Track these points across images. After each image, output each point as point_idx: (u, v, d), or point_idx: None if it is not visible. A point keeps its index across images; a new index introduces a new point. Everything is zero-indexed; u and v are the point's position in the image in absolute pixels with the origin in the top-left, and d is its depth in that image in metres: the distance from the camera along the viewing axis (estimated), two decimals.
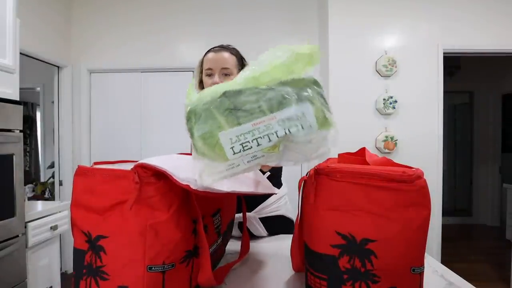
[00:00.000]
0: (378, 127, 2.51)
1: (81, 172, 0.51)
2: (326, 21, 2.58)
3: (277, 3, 2.87)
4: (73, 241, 0.52)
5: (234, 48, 1.08)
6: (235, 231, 1.00)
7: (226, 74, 1.00)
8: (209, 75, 1.02)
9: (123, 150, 2.90)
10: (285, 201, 1.13)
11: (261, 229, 1.03)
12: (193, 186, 0.47)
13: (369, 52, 2.51)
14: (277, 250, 0.90)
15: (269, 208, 1.07)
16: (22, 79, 1.74)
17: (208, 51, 1.05)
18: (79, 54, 2.94)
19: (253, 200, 1.02)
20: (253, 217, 1.01)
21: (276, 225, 1.08)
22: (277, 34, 2.85)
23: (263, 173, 0.82)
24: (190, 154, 0.80)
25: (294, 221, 1.12)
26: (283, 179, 1.13)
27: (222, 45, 1.07)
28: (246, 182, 0.69)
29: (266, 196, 1.07)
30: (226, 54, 1.02)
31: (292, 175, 1.73)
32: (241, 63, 1.06)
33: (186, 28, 2.91)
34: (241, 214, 0.85)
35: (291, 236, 0.67)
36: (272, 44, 0.49)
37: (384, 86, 2.50)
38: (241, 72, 0.48)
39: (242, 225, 0.95)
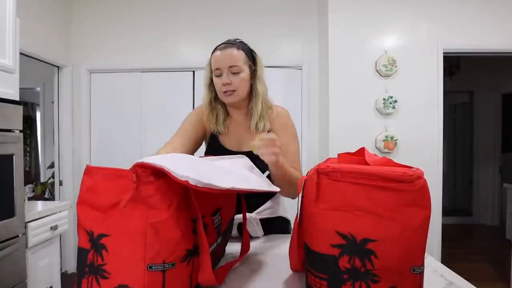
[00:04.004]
0: (378, 127, 2.51)
1: (87, 171, 0.53)
2: (326, 21, 2.58)
3: (276, 3, 2.87)
4: (78, 240, 0.53)
5: (241, 42, 1.01)
6: (233, 233, 0.99)
7: (234, 72, 0.95)
8: (218, 76, 0.97)
9: (123, 150, 2.90)
10: (282, 202, 1.13)
11: (258, 230, 1.02)
12: (192, 182, 0.47)
13: (369, 51, 2.51)
14: (277, 250, 0.90)
15: (269, 210, 1.06)
16: (22, 79, 1.74)
17: (215, 49, 0.99)
18: (79, 54, 2.94)
19: (253, 202, 1.01)
20: (254, 218, 1.00)
21: (273, 225, 1.07)
22: (276, 33, 2.84)
23: (263, 172, 0.82)
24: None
25: (290, 220, 1.13)
26: None
27: (228, 40, 1.00)
28: (246, 180, 0.69)
29: (266, 199, 1.06)
30: (233, 51, 0.95)
31: None
32: (251, 57, 1.00)
33: (186, 27, 2.91)
34: (240, 215, 0.84)
35: (290, 236, 0.67)
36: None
37: (384, 86, 2.50)
38: None
39: (240, 226, 0.95)
